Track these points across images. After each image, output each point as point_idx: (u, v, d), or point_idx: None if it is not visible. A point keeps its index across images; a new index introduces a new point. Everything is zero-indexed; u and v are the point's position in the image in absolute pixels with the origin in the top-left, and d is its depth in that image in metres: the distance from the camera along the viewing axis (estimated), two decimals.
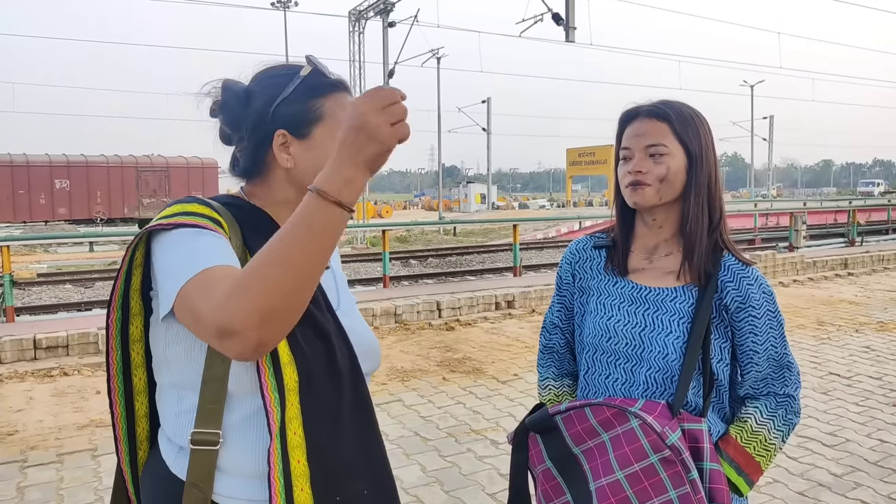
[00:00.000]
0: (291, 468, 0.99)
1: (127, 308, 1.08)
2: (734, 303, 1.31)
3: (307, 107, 1.08)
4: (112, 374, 1.10)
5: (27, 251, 19.10)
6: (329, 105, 1.09)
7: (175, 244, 0.97)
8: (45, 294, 11.56)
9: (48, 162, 24.92)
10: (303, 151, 1.09)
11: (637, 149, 1.32)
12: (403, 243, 21.92)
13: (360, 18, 21.33)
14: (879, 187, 60.38)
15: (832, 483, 3.31)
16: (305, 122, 1.08)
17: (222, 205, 1.08)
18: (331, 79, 1.10)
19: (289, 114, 1.07)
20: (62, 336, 5.66)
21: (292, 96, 1.08)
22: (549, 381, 1.54)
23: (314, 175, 1.03)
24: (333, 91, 1.11)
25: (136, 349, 1.11)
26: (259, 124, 1.08)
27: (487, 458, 3.63)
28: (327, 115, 1.09)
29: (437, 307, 7.24)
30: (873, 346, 5.99)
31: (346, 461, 1.06)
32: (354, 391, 1.08)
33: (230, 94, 1.10)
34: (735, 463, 1.29)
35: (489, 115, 43.04)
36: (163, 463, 1.06)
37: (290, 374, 1.00)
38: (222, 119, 1.12)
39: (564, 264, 1.50)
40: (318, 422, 1.02)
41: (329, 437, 1.04)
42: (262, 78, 1.12)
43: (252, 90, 1.10)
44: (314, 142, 1.09)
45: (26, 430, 4.10)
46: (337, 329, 1.09)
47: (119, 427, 1.12)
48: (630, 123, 1.35)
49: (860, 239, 15.89)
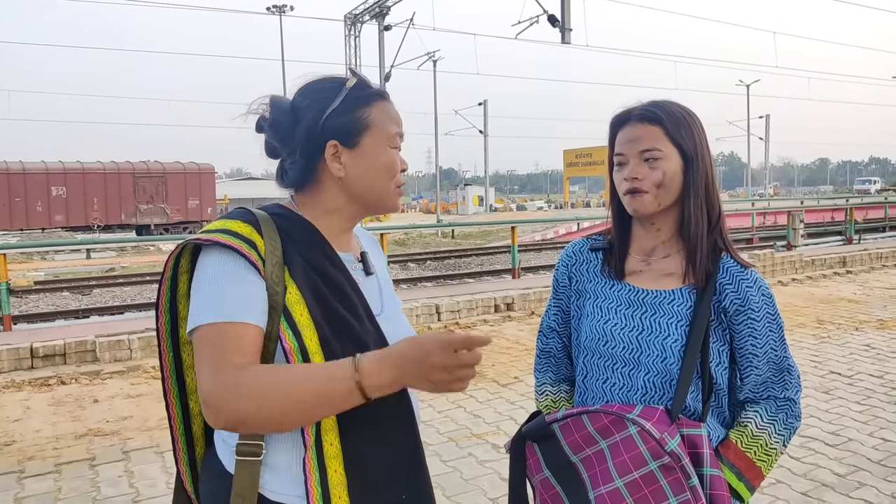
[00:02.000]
0: (329, 477, 1.04)
1: (175, 312, 1.13)
2: (733, 306, 1.29)
3: (355, 117, 1.13)
4: (166, 376, 1.15)
5: (24, 259, 19.05)
6: (374, 113, 1.15)
7: (209, 274, 1.04)
8: (43, 302, 11.51)
9: (44, 169, 24.89)
10: (353, 160, 1.14)
11: (631, 154, 1.30)
12: (401, 246, 21.91)
13: (356, 22, 21.33)
14: (876, 185, 60.45)
15: (836, 483, 3.29)
16: (354, 131, 1.13)
17: (270, 215, 1.12)
18: (374, 89, 1.17)
19: (338, 125, 1.13)
20: (59, 344, 5.63)
21: (340, 108, 1.13)
22: (546, 386, 1.52)
23: (364, 182, 1.15)
24: (377, 100, 1.16)
25: (187, 351, 1.16)
26: (311, 137, 1.13)
27: (489, 462, 3.61)
28: (374, 124, 1.15)
29: (436, 310, 7.22)
30: (874, 344, 5.98)
31: (386, 469, 1.10)
32: (395, 399, 1.10)
33: (279, 111, 1.14)
34: (736, 468, 1.27)
35: (486, 118, 43.06)
36: (219, 461, 1.11)
37: None
38: (270, 134, 1.16)
39: (561, 267, 1.48)
40: (357, 432, 1.06)
41: (368, 446, 1.08)
42: (307, 92, 1.16)
43: (299, 105, 1.14)
44: (363, 150, 1.14)
45: (23, 440, 4.07)
46: (378, 338, 1.12)
47: (176, 427, 1.17)
48: (622, 128, 1.33)
49: (858, 237, 15.89)
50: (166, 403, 1.16)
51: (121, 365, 5.56)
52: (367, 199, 1.17)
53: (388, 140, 1.16)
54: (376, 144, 1.14)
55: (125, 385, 5.17)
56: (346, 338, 1.07)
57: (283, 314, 1.04)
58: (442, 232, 25.43)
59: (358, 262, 1.22)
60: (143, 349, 5.77)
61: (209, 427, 1.19)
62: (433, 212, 39.93)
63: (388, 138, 1.16)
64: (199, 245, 1.07)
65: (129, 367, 5.50)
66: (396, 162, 1.17)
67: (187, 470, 1.19)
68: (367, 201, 1.17)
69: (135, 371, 5.46)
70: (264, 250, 1.06)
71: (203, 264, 1.05)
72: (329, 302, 1.09)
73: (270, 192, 55.67)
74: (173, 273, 1.11)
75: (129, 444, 3.98)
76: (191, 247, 1.09)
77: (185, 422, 1.17)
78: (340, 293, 1.11)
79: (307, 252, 1.11)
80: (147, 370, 5.46)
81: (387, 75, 21.51)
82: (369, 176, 1.14)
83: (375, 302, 1.19)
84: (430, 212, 45.97)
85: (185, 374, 1.16)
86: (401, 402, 1.13)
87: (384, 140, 1.15)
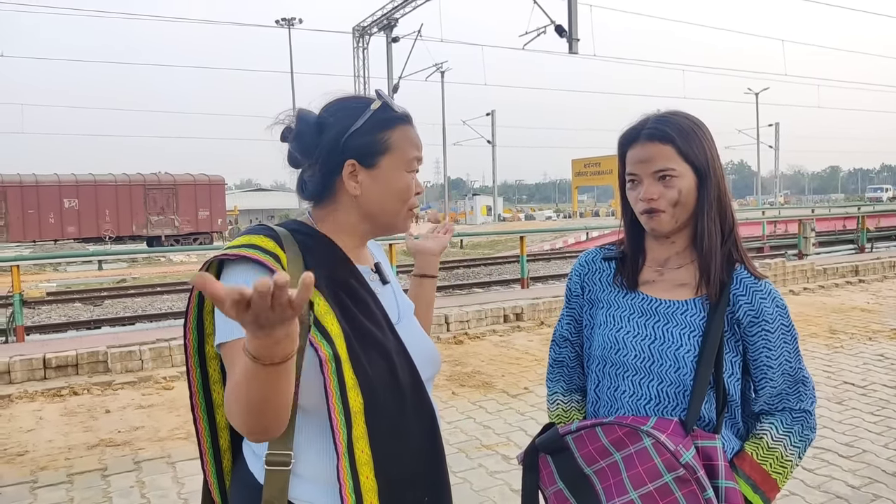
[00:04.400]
0: (361, 484, 1.07)
1: (202, 328, 1.15)
2: (747, 317, 1.28)
3: (375, 139, 1.16)
4: (194, 391, 1.17)
5: (37, 270, 19.22)
6: (395, 137, 1.18)
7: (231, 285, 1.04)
8: (55, 313, 11.60)
9: (57, 181, 25.16)
10: (369, 180, 1.17)
11: (645, 175, 1.29)
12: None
13: (364, 34, 21.50)
14: (888, 193, 59.89)
15: (850, 495, 3.25)
16: (373, 152, 1.16)
17: (290, 231, 1.15)
18: (397, 113, 1.19)
19: (358, 145, 1.15)
20: (72, 355, 5.67)
21: (363, 128, 1.15)
22: (557, 395, 1.52)
23: (377, 202, 1.18)
24: (399, 124, 1.19)
25: (213, 366, 1.18)
26: (331, 153, 1.16)
27: (499, 473, 3.60)
28: (393, 147, 1.18)
29: (445, 321, 7.21)
30: (887, 354, 5.91)
31: (410, 472, 1.13)
32: (417, 403, 1.15)
33: (304, 123, 1.17)
34: (751, 480, 1.26)
35: (494, 128, 43.15)
36: (250, 473, 1.13)
37: (355, 397, 1.07)
38: (294, 146, 1.19)
39: (574, 276, 1.48)
40: (384, 439, 1.10)
41: (394, 451, 1.11)
42: (334, 109, 1.19)
43: (324, 121, 1.17)
44: (380, 171, 1.17)
45: (36, 450, 4.10)
46: (397, 345, 1.16)
47: (203, 441, 1.20)
48: (632, 146, 1.32)
49: (870, 245, 15.75)
50: (194, 418, 1.19)
51: (132, 375, 5.59)
52: (379, 220, 1.21)
53: (406, 164, 1.19)
54: (393, 167, 1.17)
55: (136, 395, 5.20)
56: (371, 347, 1.11)
57: (315, 325, 1.07)
58: (451, 242, 25.43)
59: (374, 273, 1.26)
60: (154, 360, 5.80)
61: (236, 440, 1.22)
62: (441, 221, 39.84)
63: (405, 162, 1.19)
64: (223, 260, 1.10)
65: (140, 377, 5.53)
66: (411, 186, 1.20)
67: (215, 481, 1.22)
68: (379, 221, 1.21)
69: (146, 381, 5.48)
70: (287, 263, 1.09)
71: (229, 278, 1.08)
72: (354, 314, 1.12)
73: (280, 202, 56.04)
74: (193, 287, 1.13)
75: (141, 454, 4.00)
76: (216, 263, 1.11)
77: (213, 435, 1.20)
78: (363, 305, 1.15)
79: (328, 266, 1.14)
80: (158, 381, 5.49)
81: (395, 86, 21.65)
82: (383, 197, 1.18)
83: (392, 310, 1.23)
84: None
85: (212, 388, 1.19)
86: (423, 405, 1.16)
87: (401, 164, 1.18)
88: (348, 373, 1.06)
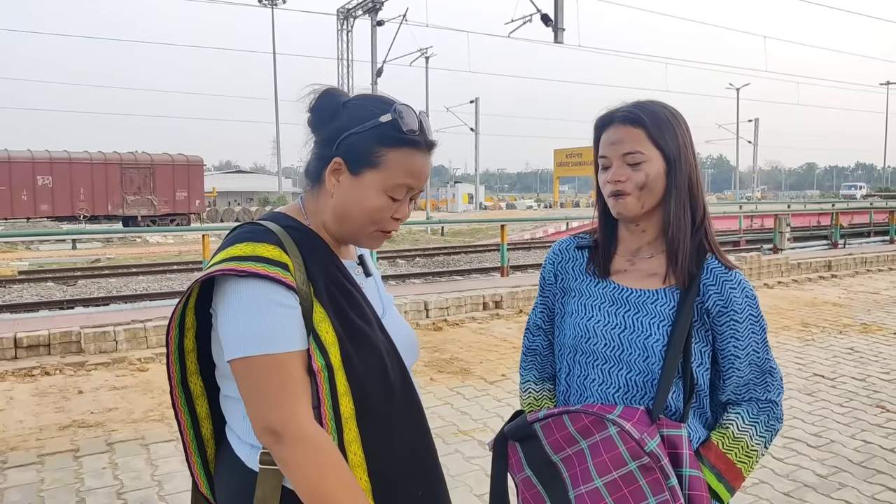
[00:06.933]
0: None
1: (182, 324, 1.15)
2: (716, 307, 1.29)
3: (370, 150, 1.12)
4: (173, 385, 1.17)
5: (8, 248, 18.83)
6: (392, 157, 1.12)
7: (245, 301, 1.04)
8: (27, 292, 11.39)
9: (30, 158, 24.58)
10: (348, 185, 1.13)
11: (614, 157, 1.30)
12: (391, 243, 21.88)
13: (349, 17, 21.25)
14: (862, 190, 61.10)
15: (817, 484, 3.33)
16: (362, 162, 1.12)
17: (284, 229, 1.13)
18: (408, 135, 1.12)
19: (352, 148, 1.12)
20: (44, 335, 5.57)
21: (364, 134, 1.12)
22: (530, 384, 1.53)
23: (344, 209, 1.14)
24: (406, 147, 1.13)
25: (191, 359, 1.19)
26: (327, 143, 1.14)
27: (475, 458, 3.62)
28: (384, 166, 1.12)
29: (424, 307, 7.22)
30: (857, 348, 6.05)
31: (403, 469, 1.14)
32: (406, 398, 1.16)
33: (325, 101, 1.15)
34: (716, 469, 1.27)
35: (477, 116, 43.07)
36: (236, 457, 1.13)
37: (347, 403, 1.07)
38: (309, 118, 1.17)
39: (547, 265, 1.48)
40: (376, 439, 1.10)
41: (386, 450, 1.12)
42: (357, 103, 1.16)
43: (342, 109, 1.15)
44: (360, 182, 1.12)
45: (6, 430, 4.03)
46: (387, 343, 1.15)
47: (187, 433, 1.20)
48: (605, 130, 1.33)
49: (843, 241, 16.06)
50: (175, 412, 1.19)
51: (106, 356, 5.51)
52: (343, 226, 1.16)
53: (390, 188, 1.13)
54: (374, 185, 1.12)
55: (110, 377, 5.13)
56: (364, 349, 1.11)
57: (311, 334, 1.06)
58: (431, 229, 25.41)
59: (359, 266, 1.25)
60: (128, 341, 5.73)
61: (218, 428, 1.22)
62: (423, 208, 39.88)
63: (390, 186, 1.12)
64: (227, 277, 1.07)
65: (114, 358, 5.46)
66: (383, 210, 1.14)
67: (202, 473, 1.21)
68: (342, 227, 1.16)
69: (120, 363, 5.41)
70: (293, 269, 1.07)
71: (242, 289, 1.05)
72: (348, 315, 1.11)
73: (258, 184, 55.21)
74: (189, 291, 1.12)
75: (114, 435, 3.95)
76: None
77: (195, 426, 1.20)
78: (355, 304, 1.14)
79: (323, 266, 1.13)
80: (133, 362, 5.42)
81: (379, 71, 21.46)
82: (351, 208, 1.13)
83: (377, 303, 1.22)
84: (420, 209, 45.88)
85: (189, 380, 1.19)
86: (412, 400, 1.17)
87: (385, 186, 1.12)
88: (341, 380, 1.07)
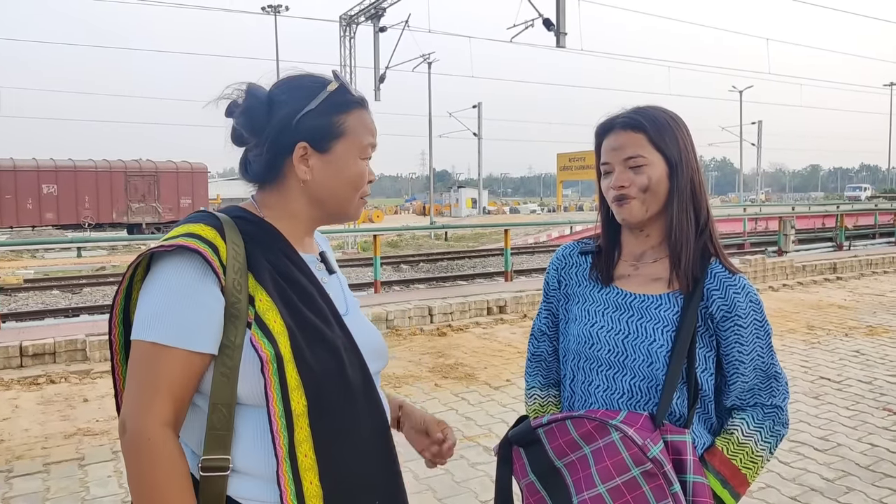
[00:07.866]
0: (304, 489, 1.01)
1: (128, 323, 1.08)
2: (720, 312, 1.28)
3: (331, 122, 1.10)
4: (119, 389, 1.10)
5: (14, 256, 18.91)
6: (351, 122, 1.12)
7: (165, 284, 1.00)
8: (32, 300, 11.43)
9: (35, 167, 24.71)
10: (321, 165, 1.11)
11: (616, 162, 1.30)
12: (394, 248, 21.89)
13: (351, 23, 21.31)
14: (866, 192, 60.84)
15: (824, 488, 3.31)
16: (327, 136, 1.10)
17: (233, 219, 1.08)
18: (354, 96, 1.13)
19: (312, 127, 1.09)
20: (49, 343, 5.59)
21: (317, 109, 1.09)
22: (535, 390, 1.52)
23: (328, 189, 1.11)
24: (355, 108, 1.13)
25: None
26: (282, 133, 1.09)
27: (480, 464, 3.61)
28: (348, 132, 1.11)
29: (428, 312, 7.22)
30: (863, 350, 6.02)
31: (361, 476, 1.07)
32: (367, 400, 1.10)
33: (254, 99, 1.10)
34: (721, 475, 1.27)
35: (480, 120, 43.10)
36: None
37: (298, 398, 1.01)
38: (241, 122, 1.11)
39: (551, 270, 1.48)
40: (331, 441, 1.04)
41: (342, 454, 1.05)
42: (287, 86, 1.12)
43: (276, 98, 1.10)
44: (333, 157, 1.11)
45: (12, 439, 4.04)
46: (347, 341, 1.09)
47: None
48: (606, 136, 1.33)
49: (848, 243, 16.01)
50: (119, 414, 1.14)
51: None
52: (328, 206, 1.14)
53: (360, 151, 1.13)
54: (347, 153, 1.11)
55: None
56: (317, 343, 1.05)
57: (257, 322, 1.02)
58: (435, 234, 25.42)
59: (320, 263, 1.20)
60: None
61: None
62: (426, 213, 39.92)
63: (360, 149, 1.13)
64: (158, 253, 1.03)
65: None
66: (364, 174, 1.14)
67: None
68: (328, 208, 1.15)
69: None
70: (226, 256, 1.02)
71: (161, 270, 1.01)
72: (298, 308, 1.06)
73: None
74: (129, 283, 1.06)
75: (119, 444, 3.95)
76: (148, 257, 1.04)
77: None
78: (308, 298, 1.08)
79: (272, 257, 1.08)
80: None
81: (381, 77, 21.51)
82: (335, 184, 1.12)
83: (340, 301, 1.17)
84: (424, 213, 45.95)
85: None
86: (373, 403, 1.11)
87: (356, 150, 1.12)
88: (291, 373, 1.01)
